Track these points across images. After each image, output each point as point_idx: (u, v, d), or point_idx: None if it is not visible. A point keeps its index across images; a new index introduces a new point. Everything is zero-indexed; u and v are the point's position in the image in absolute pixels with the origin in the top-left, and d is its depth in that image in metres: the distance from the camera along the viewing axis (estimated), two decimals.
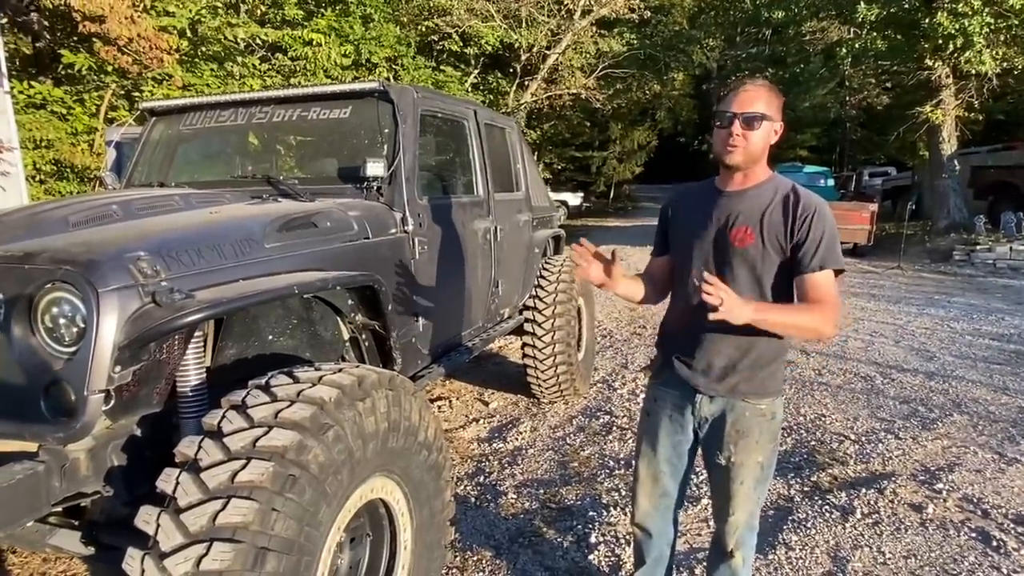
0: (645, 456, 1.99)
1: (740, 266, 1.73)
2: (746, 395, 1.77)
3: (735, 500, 1.84)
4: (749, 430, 1.78)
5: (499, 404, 4.50)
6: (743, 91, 1.67)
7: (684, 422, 1.89)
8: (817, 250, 1.65)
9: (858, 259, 12.29)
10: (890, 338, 6.30)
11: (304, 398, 1.56)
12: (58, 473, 1.60)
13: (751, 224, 1.70)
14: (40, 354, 1.57)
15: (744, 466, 1.80)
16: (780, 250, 1.69)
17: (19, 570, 2.59)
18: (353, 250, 2.33)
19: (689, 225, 1.84)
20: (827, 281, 1.67)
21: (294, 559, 1.39)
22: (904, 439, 3.78)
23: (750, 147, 1.68)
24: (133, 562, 1.34)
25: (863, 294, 8.69)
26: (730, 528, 1.88)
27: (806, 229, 1.66)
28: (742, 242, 1.71)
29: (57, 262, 1.57)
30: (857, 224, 12.24)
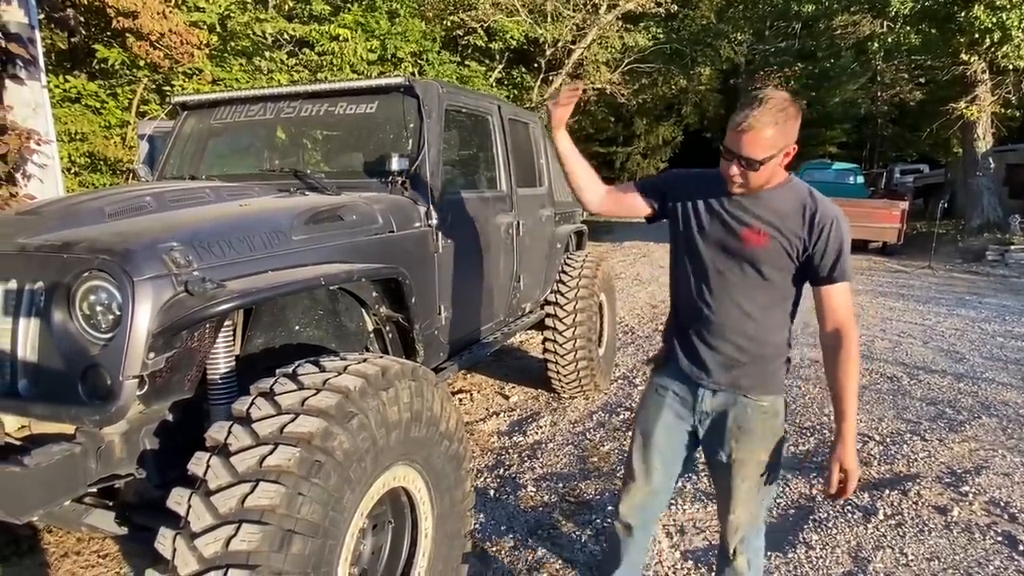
0: (640, 449, 1.95)
1: (748, 266, 1.70)
2: (748, 390, 1.75)
3: (735, 499, 1.81)
4: (751, 427, 1.76)
5: (519, 398, 4.53)
6: (749, 131, 1.55)
7: (684, 416, 1.86)
8: (837, 262, 1.65)
9: (887, 258, 12.08)
10: (918, 339, 6.19)
11: (330, 387, 1.59)
12: (94, 455, 1.66)
13: (765, 226, 1.67)
14: (78, 340, 1.63)
15: (746, 464, 1.77)
16: (792, 256, 1.67)
17: (54, 548, 2.68)
18: (378, 243, 2.37)
19: (697, 217, 1.78)
20: (846, 293, 1.68)
21: (319, 542, 1.43)
22: (930, 441, 3.72)
23: (752, 184, 1.64)
24: (165, 541, 1.39)
25: (891, 294, 8.54)
26: (731, 528, 1.85)
27: (824, 239, 1.64)
28: (753, 243, 1.68)
29: (94, 251, 1.63)
30: (887, 223, 12.02)
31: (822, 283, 1.67)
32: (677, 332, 1.88)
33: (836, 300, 1.67)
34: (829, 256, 1.64)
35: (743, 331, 1.72)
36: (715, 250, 1.74)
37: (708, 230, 1.75)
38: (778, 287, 1.71)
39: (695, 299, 1.78)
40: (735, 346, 1.74)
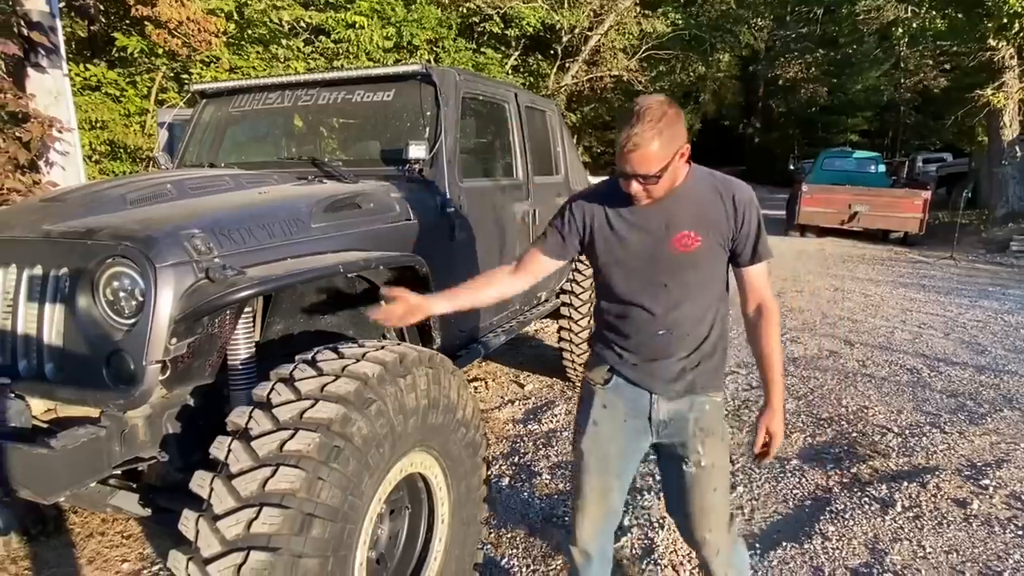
0: (591, 471, 1.79)
1: (690, 272, 1.63)
2: (705, 389, 1.70)
3: (713, 513, 1.72)
4: (713, 426, 1.70)
5: (534, 387, 4.54)
6: (636, 150, 1.47)
7: (640, 429, 1.74)
8: (757, 242, 1.64)
9: (908, 248, 11.90)
10: (939, 330, 6.10)
11: (348, 373, 1.61)
12: (118, 438, 1.69)
13: (694, 227, 1.60)
14: (102, 325, 1.66)
15: (715, 468, 1.70)
16: (724, 245, 1.64)
17: (79, 529, 2.75)
18: (395, 231, 2.38)
19: (621, 238, 1.65)
20: (766, 272, 1.69)
21: (338, 526, 1.45)
22: (950, 433, 3.68)
23: (657, 194, 1.57)
24: (188, 523, 1.41)
25: (912, 285, 8.42)
26: (712, 549, 1.74)
27: (746, 221, 1.62)
28: (688, 247, 1.60)
29: (118, 238, 1.65)
30: (908, 212, 11.83)
31: (747, 264, 1.66)
32: (624, 348, 1.73)
33: (759, 279, 1.68)
34: (752, 236, 1.63)
35: (695, 335, 1.67)
36: (647, 265, 1.64)
37: (637, 249, 1.64)
38: (716, 280, 1.68)
39: (640, 317, 1.67)
40: (690, 351, 1.67)
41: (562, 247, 1.76)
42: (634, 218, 1.64)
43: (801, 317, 6.55)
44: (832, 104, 29.32)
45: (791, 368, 4.91)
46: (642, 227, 1.63)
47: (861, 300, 7.39)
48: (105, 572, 2.48)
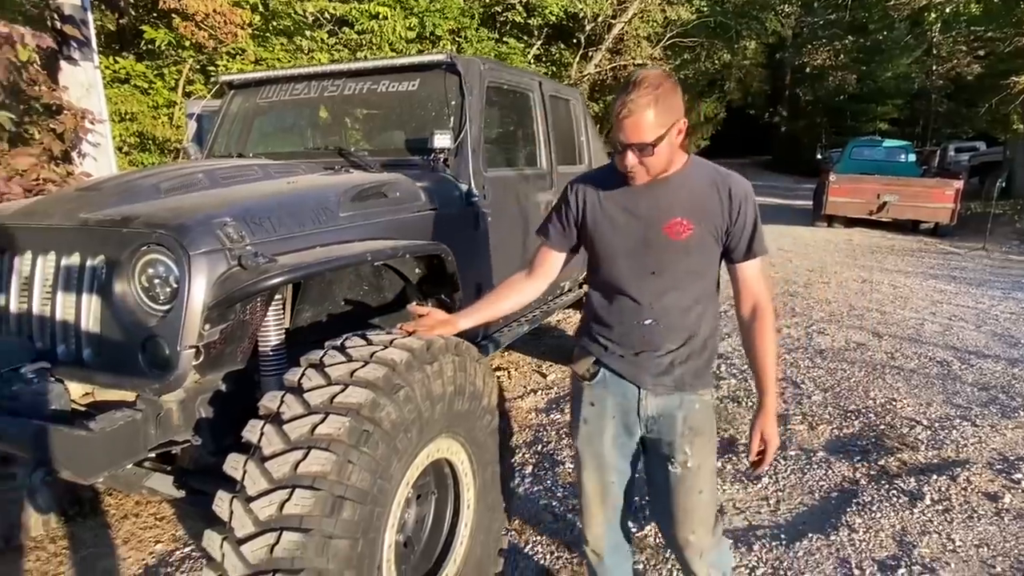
0: (589, 468, 1.78)
1: (680, 260, 1.61)
2: (694, 387, 1.66)
3: (696, 515, 1.68)
4: (702, 425, 1.66)
5: (557, 376, 4.54)
6: (626, 117, 1.45)
7: (630, 423, 1.72)
8: (753, 238, 1.61)
9: (939, 239, 11.64)
10: (971, 322, 5.97)
11: (377, 359, 1.63)
12: (154, 422, 1.73)
13: (687, 215, 1.58)
14: (138, 312, 1.70)
15: (702, 470, 1.66)
16: (717, 237, 1.61)
17: (115, 511, 2.83)
18: (421, 220, 2.39)
19: (614, 223, 1.64)
20: (761, 269, 1.65)
21: (368, 509, 1.48)
22: (981, 426, 3.61)
23: (653, 169, 1.53)
24: (222, 504, 1.45)
25: (943, 276, 8.24)
26: (694, 552, 1.70)
27: (741, 214, 1.59)
28: (680, 235, 1.58)
29: (152, 226, 1.69)
30: (939, 202, 11.55)
31: (741, 259, 1.63)
32: (610, 339, 1.70)
33: (754, 275, 1.65)
34: (747, 231, 1.60)
35: (684, 328, 1.64)
36: (638, 251, 1.62)
37: (627, 233, 1.62)
38: (707, 275, 1.65)
39: (627, 306, 1.65)
40: (679, 344, 1.64)
41: (563, 236, 1.75)
42: (627, 201, 1.62)
43: (828, 308, 6.46)
44: (861, 92, 28.70)
45: (817, 360, 4.85)
46: (634, 211, 1.62)
47: (890, 291, 7.26)
48: (139, 552, 2.55)
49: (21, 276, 1.86)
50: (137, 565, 2.48)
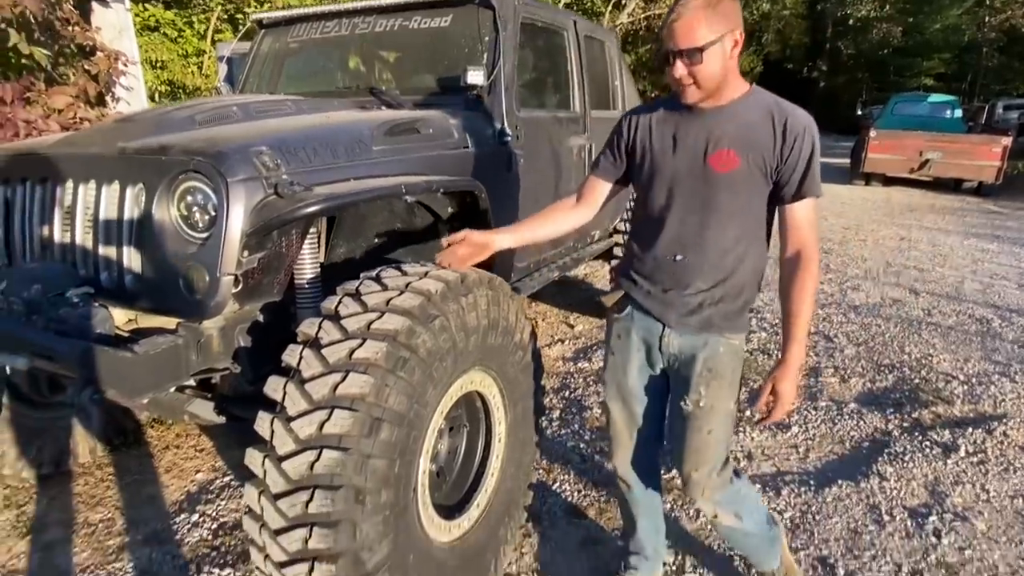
0: (616, 400, 1.82)
1: (723, 194, 1.54)
2: (721, 329, 1.62)
3: (700, 454, 1.67)
4: (722, 369, 1.63)
5: (584, 327, 4.54)
6: (676, 20, 1.41)
7: (653, 358, 1.72)
8: (805, 177, 1.50)
9: (982, 199, 11.23)
10: (1013, 281, 5.79)
11: (412, 289, 1.63)
12: (195, 348, 1.77)
13: (734, 146, 1.51)
14: (177, 239, 1.72)
15: (714, 411, 1.64)
16: (765, 172, 1.52)
17: (156, 442, 2.93)
18: (453, 158, 2.36)
19: (661, 151, 1.60)
20: (812, 211, 1.55)
21: (404, 432, 1.50)
22: (1021, 383, 3.53)
23: (704, 82, 1.46)
24: (263, 423, 1.48)
25: (985, 235, 7.97)
26: (697, 489, 1.71)
27: (797, 151, 1.49)
28: (725, 167, 1.52)
29: (190, 153, 1.69)
30: (985, 160, 11.09)
31: (790, 200, 1.53)
32: (640, 272, 1.69)
33: (803, 218, 1.54)
34: (800, 169, 1.50)
35: (719, 268, 1.58)
36: (683, 182, 1.57)
37: (672, 163, 1.58)
38: (752, 213, 1.57)
39: (662, 240, 1.61)
40: (711, 285, 1.59)
41: (614, 166, 1.73)
42: (677, 129, 1.58)
43: (864, 266, 6.31)
44: (906, 45, 27.40)
45: (851, 315, 4.77)
46: (683, 139, 1.56)
47: (928, 250, 7.06)
48: (181, 480, 2.65)
49: (63, 205, 1.89)
50: (179, 492, 2.58)
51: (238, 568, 2.13)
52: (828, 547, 2.23)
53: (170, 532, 2.33)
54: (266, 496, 1.45)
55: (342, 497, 1.39)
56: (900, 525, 2.34)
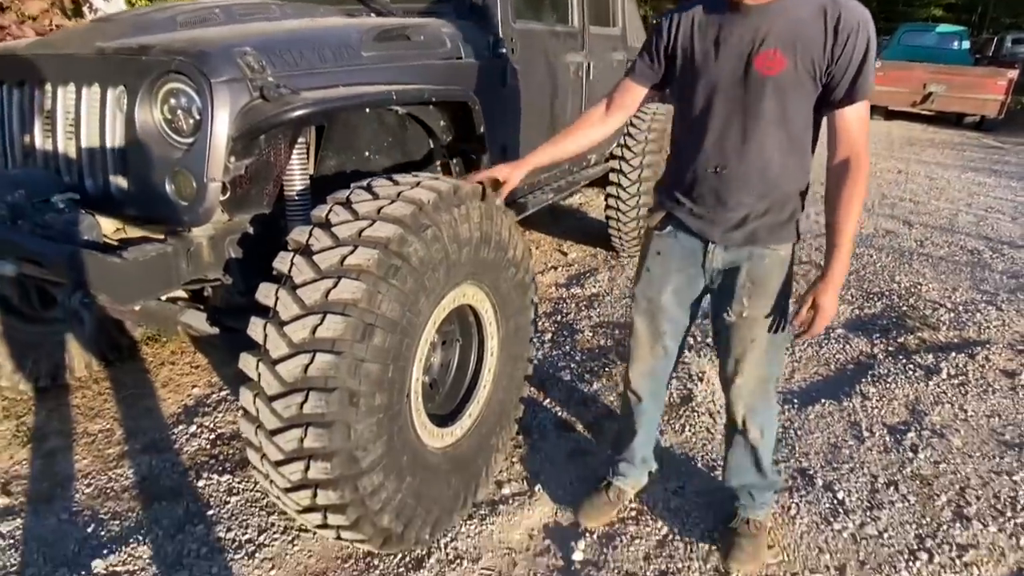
0: (645, 316, 1.81)
1: (768, 100, 1.45)
2: (766, 241, 1.58)
3: (745, 361, 1.67)
4: (766, 279, 1.60)
5: (577, 255, 4.53)
6: None
7: (693, 275, 1.71)
8: (857, 77, 1.40)
9: (983, 134, 11.07)
10: (1007, 214, 5.80)
11: (404, 198, 1.60)
12: (185, 256, 1.75)
13: (782, 46, 1.40)
14: (162, 144, 1.67)
15: (758, 321, 1.63)
16: (814, 75, 1.42)
17: (152, 358, 2.96)
18: (446, 68, 2.28)
19: (703, 54, 1.50)
20: (863, 115, 1.45)
21: (397, 338, 1.51)
22: (1006, 311, 3.58)
23: None
24: (256, 328, 1.49)
25: (983, 170, 7.91)
26: (736, 395, 1.73)
27: (849, 50, 1.38)
28: (771, 69, 1.42)
29: (172, 53, 1.63)
30: (989, 93, 10.87)
31: (839, 104, 1.43)
32: (682, 187, 1.64)
33: (853, 122, 1.45)
34: (851, 69, 1.39)
35: (763, 179, 1.52)
36: (725, 88, 1.49)
37: (714, 66, 1.49)
38: (799, 121, 1.49)
39: (703, 153, 1.55)
40: (754, 197, 1.54)
41: (651, 70, 1.65)
42: (722, 29, 1.48)
43: None
44: None
45: None
46: (725, 41, 1.47)
47: (925, 183, 7.02)
48: (178, 394, 2.69)
49: (43, 109, 1.83)
50: (176, 405, 2.62)
51: (237, 475, 2.19)
52: (808, 460, 2.31)
53: (169, 442, 2.38)
54: (261, 398, 1.47)
55: (336, 399, 1.41)
56: (879, 440, 2.42)
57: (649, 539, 1.96)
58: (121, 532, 1.95)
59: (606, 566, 1.86)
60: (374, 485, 1.53)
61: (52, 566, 1.82)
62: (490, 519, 2.02)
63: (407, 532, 1.70)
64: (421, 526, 1.75)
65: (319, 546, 1.89)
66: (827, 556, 1.89)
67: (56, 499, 2.09)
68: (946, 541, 1.94)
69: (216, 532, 1.95)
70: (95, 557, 1.84)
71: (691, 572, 1.84)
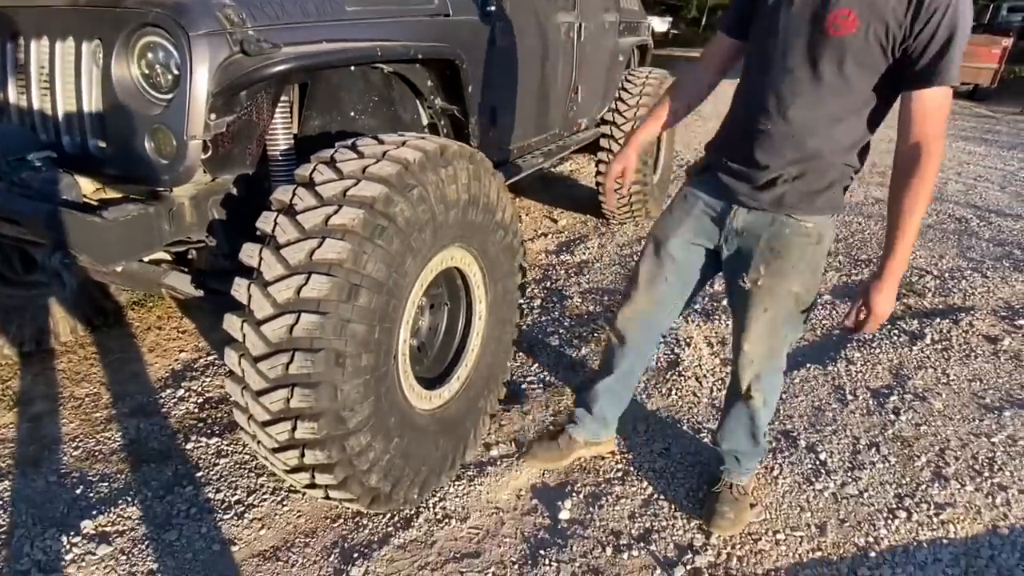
0: (650, 258, 1.78)
1: (829, 60, 1.37)
2: (792, 209, 1.52)
3: (753, 329, 1.63)
4: (786, 250, 1.55)
5: (568, 222, 4.52)
6: None
7: (709, 232, 1.68)
8: (940, 59, 1.29)
9: (976, 103, 11.06)
10: (995, 183, 5.82)
11: (390, 157, 1.58)
12: (167, 217, 1.72)
13: (855, 6, 1.33)
14: (140, 100, 1.62)
15: (772, 293, 1.58)
16: (886, 47, 1.33)
17: (138, 324, 2.93)
18: (433, 26, 2.22)
19: (776, 4, 1.44)
20: (941, 103, 1.33)
21: (383, 299, 1.50)
22: (991, 278, 3.62)
23: None
24: (240, 289, 1.47)
25: (974, 139, 7.92)
26: (744, 361, 1.69)
27: (933, 26, 1.27)
28: (838, 29, 1.34)
29: (148, 4, 1.56)
30: (983, 62, 10.83)
31: (913, 85, 1.33)
32: (724, 141, 1.63)
33: (927, 108, 1.33)
34: (933, 48, 1.28)
35: (802, 143, 1.46)
36: (790, 42, 1.42)
37: (784, 17, 1.43)
38: (858, 92, 1.40)
39: (753, 104, 1.51)
40: (788, 161, 1.49)
41: (741, 24, 1.60)
42: None
43: None
44: None
45: None
46: None
47: None
48: (164, 359, 2.68)
49: (16, 63, 1.77)
50: (164, 370, 2.61)
51: (225, 437, 2.20)
52: (792, 423, 2.35)
53: (156, 406, 2.38)
54: (247, 359, 1.46)
55: (322, 359, 1.40)
56: (862, 404, 2.45)
57: (634, 499, 1.99)
58: (110, 494, 1.95)
59: (592, 524, 1.89)
60: (361, 445, 1.54)
61: (42, 527, 1.83)
62: (478, 480, 2.04)
63: (395, 492, 1.71)
64: (409, 486, 1.76)
65: (308, 506, 1.91)
66: (808, 514, 1.93)
67: (44, 462, 2.09)
68: (924, 500, 1.99)
69: (205, 493, 1.96)
70: (84, 518, 1.85)
71: (675, 531, 1.88)
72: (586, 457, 2.12)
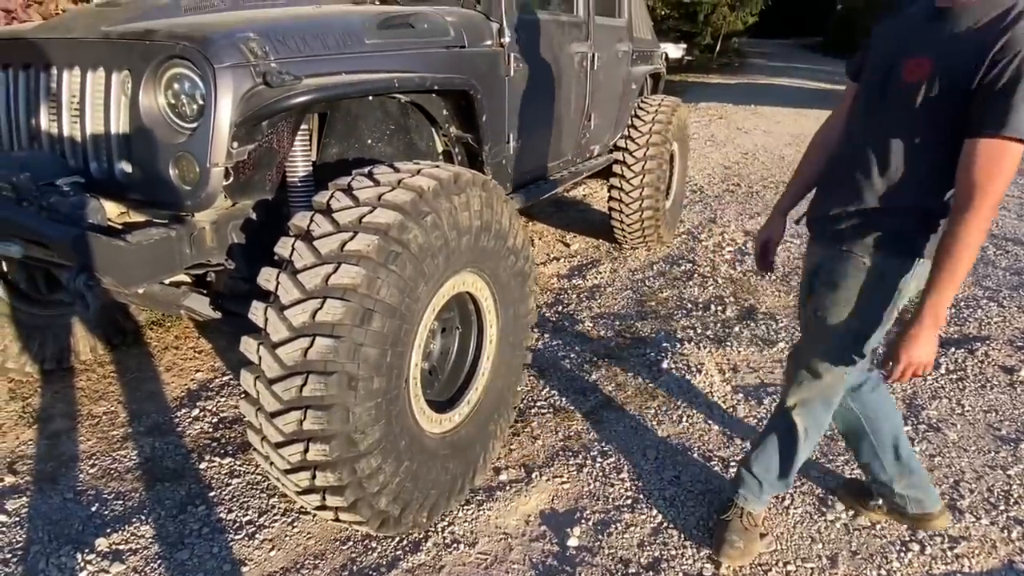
0: (800, 307, 1.83)
1: (899, 106, 1.39)
2: (851, 244, 1.54)
3: (806, 357, 1.68)
4: (841, 284, 1.56)
5: (580, 246, 4.55)
6: None
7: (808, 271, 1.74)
8: (1002, 105, 1.23)
9: None
10: (1013, 211, 5.76)
11: (405, 185, 1.62)
12: (188, 241, 1.77)
13: (933, 54, 1.32)
14: (166, 129, 1.69)
15: (824, 324, 1.60)
16: (956, 95, 1.30)
17: (156, 343, 2.99)
18: (449, 57, 2.29)
19: (873, 52, 1.52)
20: (996, 155, 1.26)
21: (396, 323, 1.53)
22: (1007, 308, 3.58)
23: None
24: (257, 312, 1.51)
25: None
26: (796, 377, 1.71)
27: (999, 68, 1.23)
28: (911, 75, 1.35)
29: (176, 38, 1.64)
30: None
31: (974, 131, 1.29)
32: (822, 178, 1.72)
33: (977, 159, 1.28)
34: (996, 93, 1.24)
35: (865, 184, 1.50)
36: (872, 88, 1.49)
37: (872, 65, 1.50)
38: (930, 137, 1.38)
39: (840, 144, 1.62)
40: (851, 194, 1.53)
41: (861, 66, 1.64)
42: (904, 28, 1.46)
43: None
44: None
45: None
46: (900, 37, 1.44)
47: None
48: (181, 379, 2.72)
49: (49, 93, 1.84)
50: (180, 389, 2.65)
51: (238, 457, 2.22)
52: None
53: (172, 425, 2.41)
54: (262, 381, 1.49)
55: (335, 382, 1.43)
56: None
57: (644, 527, 1.98)
58: (124, 512, 1.98)
59: (600, 552, 1.88)
60: (372, 468, 1.56)
61: (57, 543, 1.86)
62: (487, 504, 2.04)
63: (404, 515, 1.72)
64: (418, 509, 1.78)
65: (318, 528, 1.92)
66: (819, 546, 1.91)
67: (61, 479, 2.12)
68: (938, 533, 1.96)
69: (217, 513, 1.98)
70: (99, 535, 1.88)
71: (684, 560, 1.86)
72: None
